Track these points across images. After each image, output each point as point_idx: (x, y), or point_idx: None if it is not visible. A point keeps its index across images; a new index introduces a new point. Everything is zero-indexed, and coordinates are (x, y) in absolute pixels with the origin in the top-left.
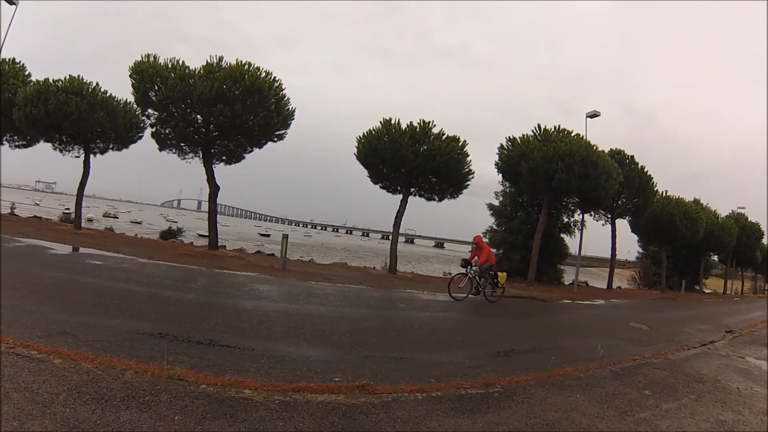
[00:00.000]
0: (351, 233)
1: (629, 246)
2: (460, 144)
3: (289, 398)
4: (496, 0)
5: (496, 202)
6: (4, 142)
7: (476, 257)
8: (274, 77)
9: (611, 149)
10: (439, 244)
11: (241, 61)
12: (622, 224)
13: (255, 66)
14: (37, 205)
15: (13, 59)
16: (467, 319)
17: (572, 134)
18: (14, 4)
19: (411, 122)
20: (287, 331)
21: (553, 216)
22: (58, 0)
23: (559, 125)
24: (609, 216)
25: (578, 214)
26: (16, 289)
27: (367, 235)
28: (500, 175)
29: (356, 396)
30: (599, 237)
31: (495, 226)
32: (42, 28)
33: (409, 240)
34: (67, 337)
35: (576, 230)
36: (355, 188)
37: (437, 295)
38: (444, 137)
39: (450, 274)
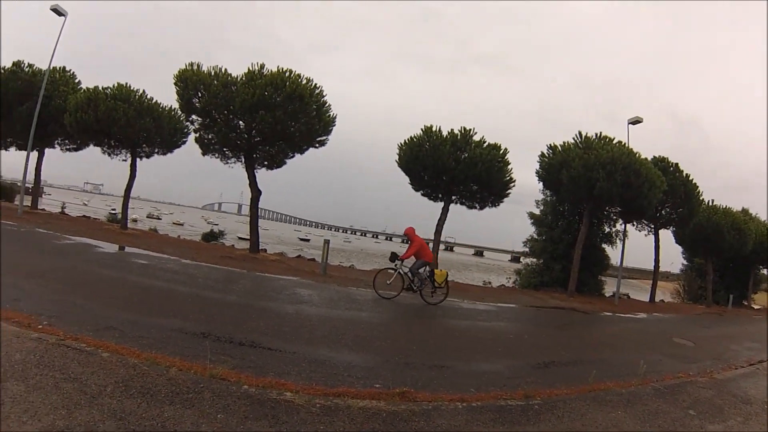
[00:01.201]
0: (390, 239)
1: (673, 257)
2: (501, 152)
3: (330, 402)
4: (535, 2)
5: (537, 211)
6: (56, 146)
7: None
8: (315, 84)
9: (654, 157)
10: (479, 252)
11: (282, 68)
12: (666, 235)
13: (296, 73)
14: (86, 205)
15: (64, 68)
16: (507, 328)
17: (614, 141)
18: (63, 15)
19: (452, 129)
20: (328, 335)
21: (595, 226)
22: (106, 10)
23: (600, 132)
24: (652, 226)
25: (620, 224)
26: (66, 284)
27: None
28: (541, 183)
29: (397, 403)
30: (642, 248)
31: (535, 235)
32: (91, 38)
33: (449, 248)
34: (114, 332)
35: (618, 240)
36: (395, 195)
37: (477, 304)
38: (485, 145)
39: (490, 283)
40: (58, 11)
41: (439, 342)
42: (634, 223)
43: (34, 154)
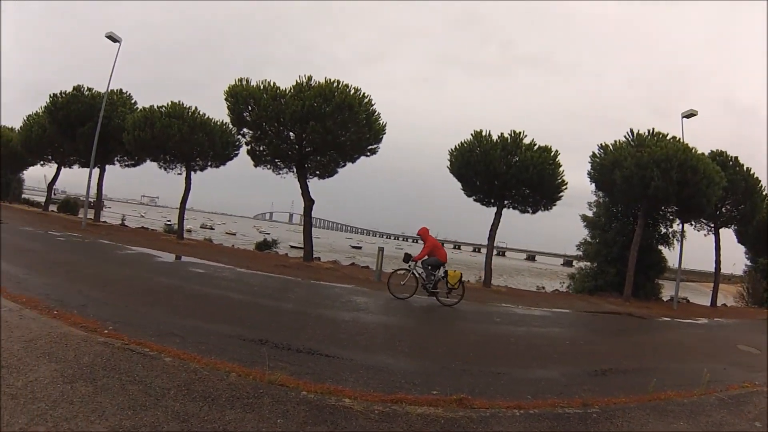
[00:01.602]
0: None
1: (735, 258)
2: (551, 154)
3: (388, 409)
4: (579, 2)
5: (590, 213)
6: (115, 162)
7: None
8: (364, 93)
9: (712, 151)
10: (531, 256)
11: (330, 80)
12: (727, 234)
13: (344, 83)
14: (143, 216)
15: (120, 90)
16: (563, 334)
17: (668, 137)
18: (118, 41)
19: (502, 133)
20: (385, 342)
21: (650, 226)
22: (157, 35)
23: (653, 128)
24: (712, 225)
25: (677, 224)
26: (129, 292)
27: (459, 248)
28: (593, 184)
29: (454, 410)
30: (701, 248)
31: (589, 238)
32: (145, 61)
33: (500, 253)
34: (175, 338)
35: (675, 241)
36: (446, 200)
37: (532, 310)
38: (536, 148)
39: (543, 288)
40: (113, 38)
41: (495, 348)
42: (692, 222)
43: (96, 171)
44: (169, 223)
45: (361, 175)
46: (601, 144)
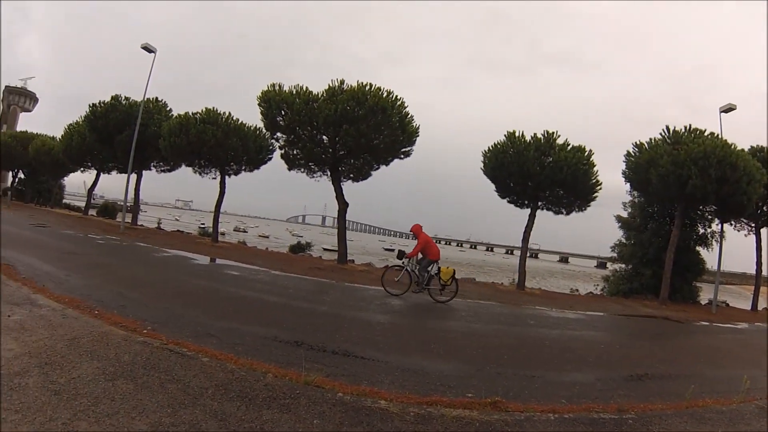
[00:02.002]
0: (475, 248)
1: None
2: (585, 154)
3: (423, 411)
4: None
5: (625, 214)
6: (152, 168)
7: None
8: (396, 96)
9: (752, 146)
10: (564, 258)
11: (362, 83)
12: None
13: (376, 86)
14: (177, 220)
15: (156, 98)
16: (598, 338)
17: (705, 134)
18: (153, 51)
19: (535, 134)
20: (420, 344)
21: (687, 227)
22: (191, 43)
23: (690, 125)
24: (752, 225)
25: (716, 224)
26: (166, 293)
27: (491, 250)
28: (628, 184)
29: (489, 413)
30: (741, 249)
31: (624, 240)
32: (178, 67)
33: (534, 255)
34: (212, 339)
35: (714, 242)
36: (478, 202)
37: (566, 313)
38: (569, 148)
39: (577, 291)
40: (148, 49)
41: (529, 351)
42: (732, 222)
43: (134, 176)
44: (203, 226)
45: (393, 177)
46: (635, 142)
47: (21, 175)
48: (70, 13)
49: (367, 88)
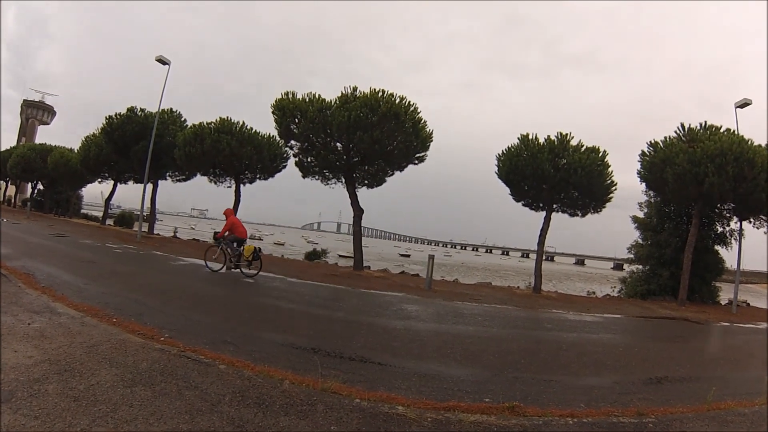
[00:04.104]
0: (491, 252)
1: None
2: (599, 155)
3: (441, 416)
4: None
5: (641, 214)
6: (167, 177)
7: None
8: (409, 101)
9: None
10: (580, 261)
11: (375, 89)
12: None
13: (389, 92)
14: (193, 229)
15: (171, 109)
16: (615, 340)
17: (721, 130)
18: (167, 63)
19: (548, 136)
20: (437, 350)
21: (705, 226)
22: (206, 53)
23: (706, 122)
24: None
25: (735, 222)
26: (183, 301)
27: (507, 254)
28: (643, 184)
29: (507, 417)
30: (761, 247)
31: (640, 240)
32: (192, 79)
33: (549, 258)
34: (228, 346)
35: (733, 241)
36: (494, 206)
37: (583, 316)
38: (583, 149)
39: (594, 293)
40: (162, 61)
41: (546, 355)
42: (751, 219)
43: (150, 186)
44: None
45: (408, 182)
46: (650, 141)
47: (40, 186)
48: (87, 26)
49: (380, 94)
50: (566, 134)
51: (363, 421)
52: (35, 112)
